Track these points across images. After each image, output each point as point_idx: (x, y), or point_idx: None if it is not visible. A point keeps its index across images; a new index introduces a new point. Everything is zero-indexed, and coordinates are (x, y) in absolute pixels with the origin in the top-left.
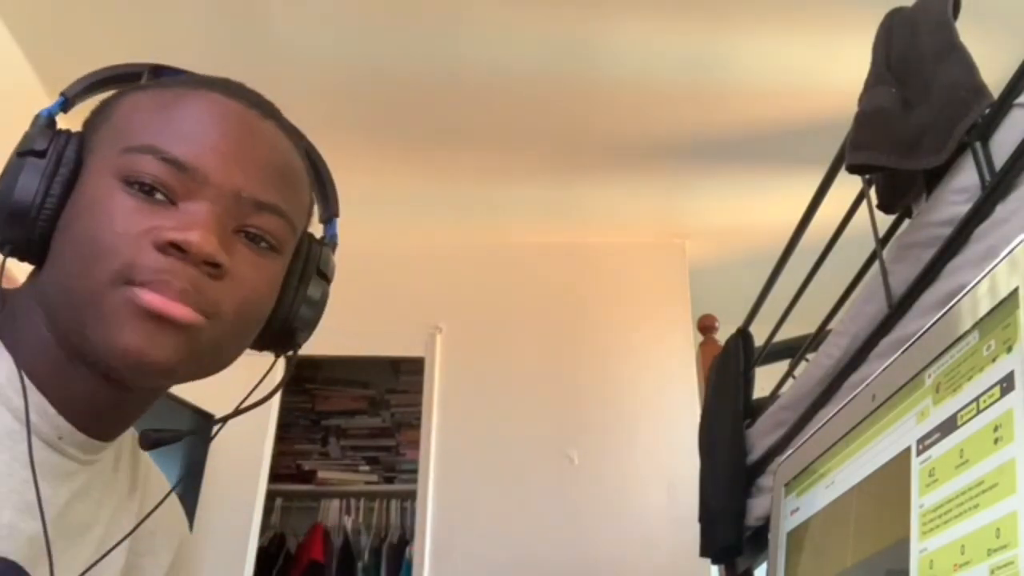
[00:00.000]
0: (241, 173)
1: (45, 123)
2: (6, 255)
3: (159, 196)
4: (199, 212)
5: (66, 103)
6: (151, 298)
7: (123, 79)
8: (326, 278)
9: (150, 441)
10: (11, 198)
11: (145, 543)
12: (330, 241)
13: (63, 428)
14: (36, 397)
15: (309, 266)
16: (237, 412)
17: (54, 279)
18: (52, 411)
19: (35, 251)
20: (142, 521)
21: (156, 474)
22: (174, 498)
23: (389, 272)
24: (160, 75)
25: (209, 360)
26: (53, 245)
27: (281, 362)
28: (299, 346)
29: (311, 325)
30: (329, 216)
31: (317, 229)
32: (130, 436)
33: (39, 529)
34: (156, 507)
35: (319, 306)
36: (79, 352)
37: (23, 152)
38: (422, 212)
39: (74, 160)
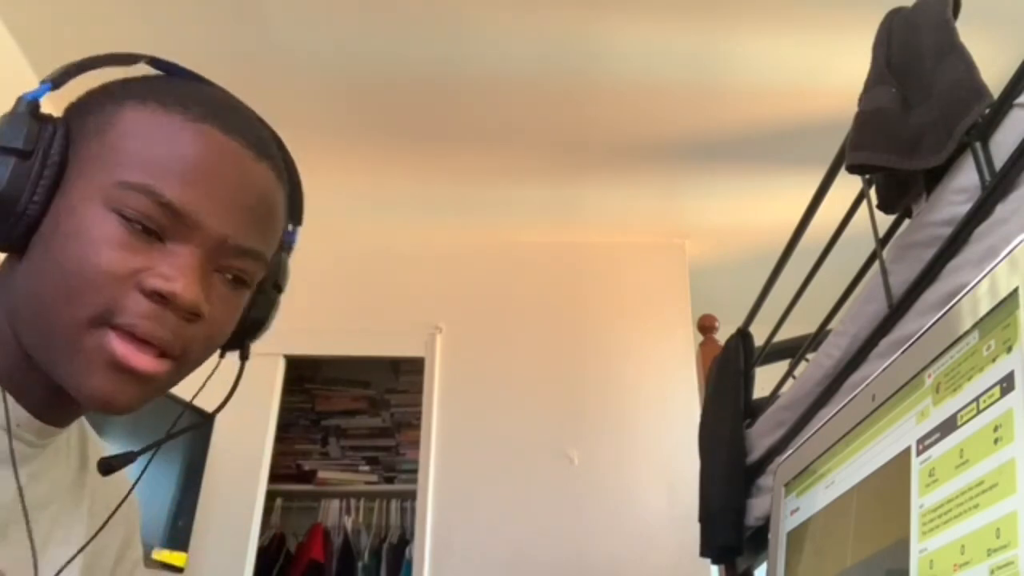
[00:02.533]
0: (231, 220)
1: (29, 111)
2: None
3: (148, 234)
4: (186, 258)
5: (52, 89)
6: (124, 351)
7: (114, 63)
8: (280, 289)
9: (105, 467)
10: None
11: (101, 518)
12: (287, 247)
13: (20, 416)
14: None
15: (267, 282)
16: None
17: (28, 291)
18: (10, 401)
19: (12, 247)
20: (111, 517)
21: (102, 449)
22: (124, 472)
23: (389, 272)
24: (155, 67)
25: (167, 389)
26: (33, 247)
27: (281, 363)
28: (248, 354)
29: (261, 332)
30: (294, 223)
31: None
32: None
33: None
34: (116, 509)
35: (271, 313)
36: (39, 362)
37: (7, 148)
38: (422, 212)
39: (60, 161)
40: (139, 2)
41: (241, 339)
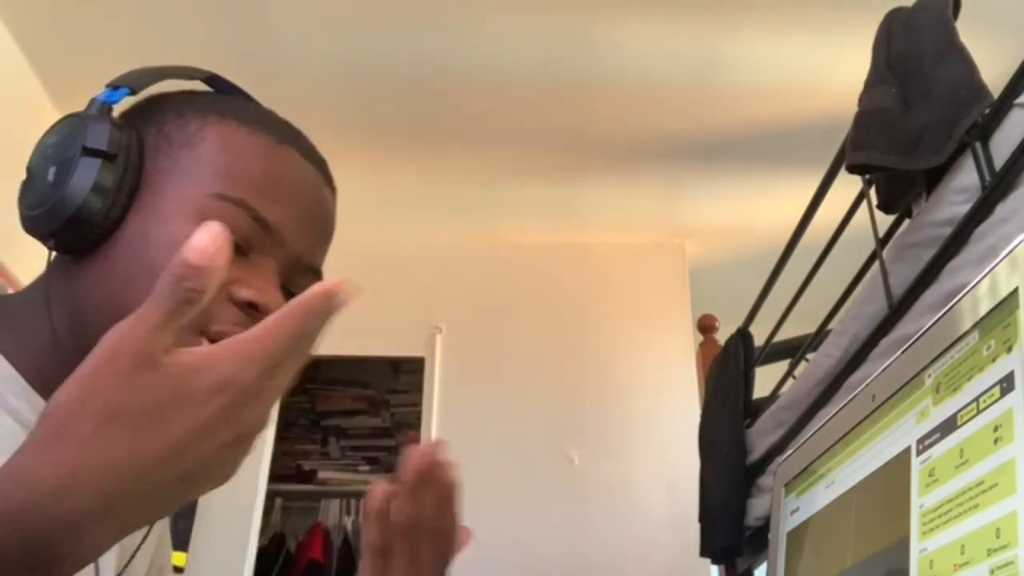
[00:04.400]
0: (308, 241)
1: (106, 116)
2: (51, 248)
3: (236, 246)
4: (271, 271)
5: (130, 94)
6: None
7: (182, 77)
8: None
9: None
10: (77, 201)
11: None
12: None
13: None
14: (35, 398)
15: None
16: None
17: (108, 290)
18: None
19: (82, 250)
20: (151, 527)
21: None
22: None
23: (389, 272)
24: (214, 85)
25: None
26: (107, 250)
27: None
28: None
29: None
30: None
31: None
32: None
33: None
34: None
35: None
36: None
37: (92, 150)
38: (422, 212)
39: (138, 167)
40: (140, 4)
41: None
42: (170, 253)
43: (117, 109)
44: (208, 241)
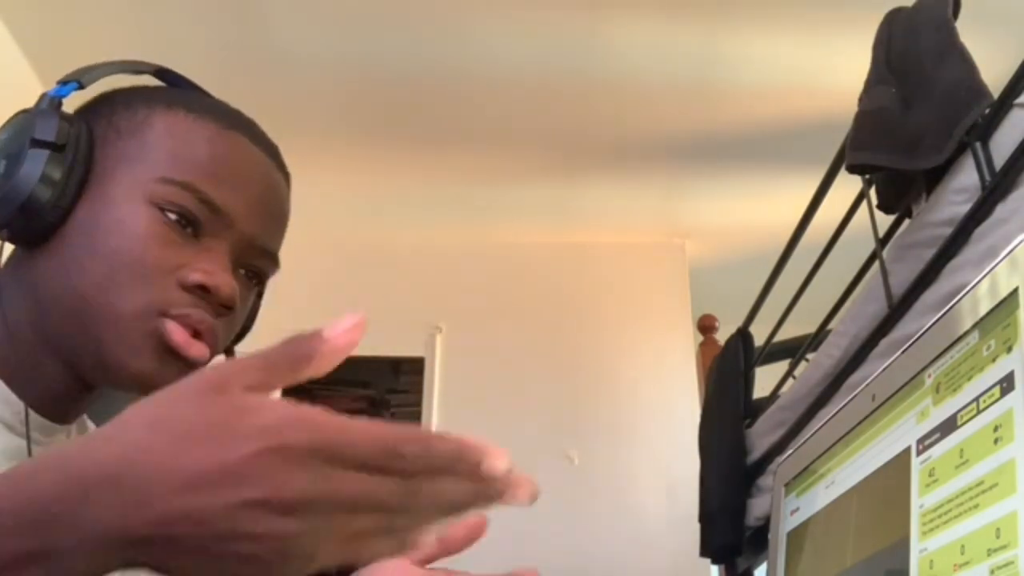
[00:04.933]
0: (259, 222)
1: (55, 110)
2: (4, 239)
3: (185, 229)
4: (221, 254)
5: (79, 88)
6: (182, 338)
7: (129, 71)
8: (261, 296)
9: None
10: (26, 190)
11: None
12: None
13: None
14: None
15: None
16: None
17: (61, 281)
18: (14, 397)
19: (34, 240)
20: None
21: None
22: None
23: (389, 272)
24: (164, 78)
25: None
26: (60, 241)
27: None
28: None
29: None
30: None
31: None
32: None
33: None
34: None
35: (254, 319)
36: (65, 352)
37: (40, 141)
38: (422, 212)
39: (87, 157)
40: (140, 3)
41: (233, 342)
42: (122, 238)
43: (71, 105)
44: (347, 321)
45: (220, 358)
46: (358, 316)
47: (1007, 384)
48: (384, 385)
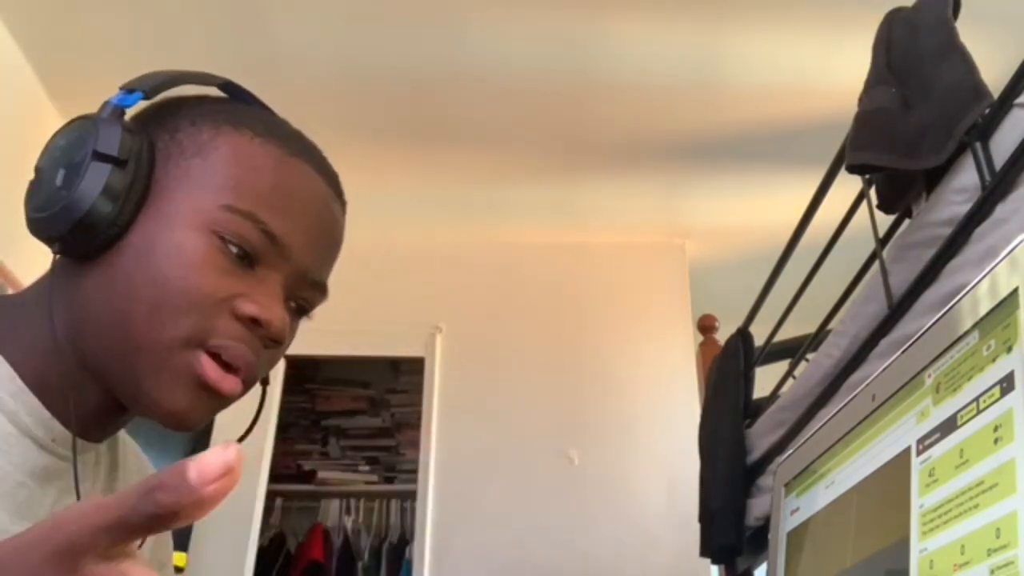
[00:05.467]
0: (315, 256)
1: (118, 120)
2: (56, 252)
3: (243, 259)
4: (276, 285)
5: (145, 99)
6: (215, 374)
7: (198, 83)
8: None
9: None
10: (84, 206)
11: None
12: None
13: (56, 431)
14: (31, 399)
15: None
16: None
17: (110, 301)
18: (47, 415)
19: (87, 255)
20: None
21: (133, 450)
22: (149, 467)
23: (389, 272)
24: (231, 91)
25: None
26: (112, 257)
27: (281, 363)
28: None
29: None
30: None
31: None
32: None
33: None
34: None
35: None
36: (103, 375)
37: (103, 155)
38: (422, 212)
39: (148, 174)
40: (140, 4)
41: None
42: (177, 264)
43: (130, 113)
44: (217, 464)
45: (97, 497)
46: (229, 455)
47: (1007, 384)
48: (384, 385)
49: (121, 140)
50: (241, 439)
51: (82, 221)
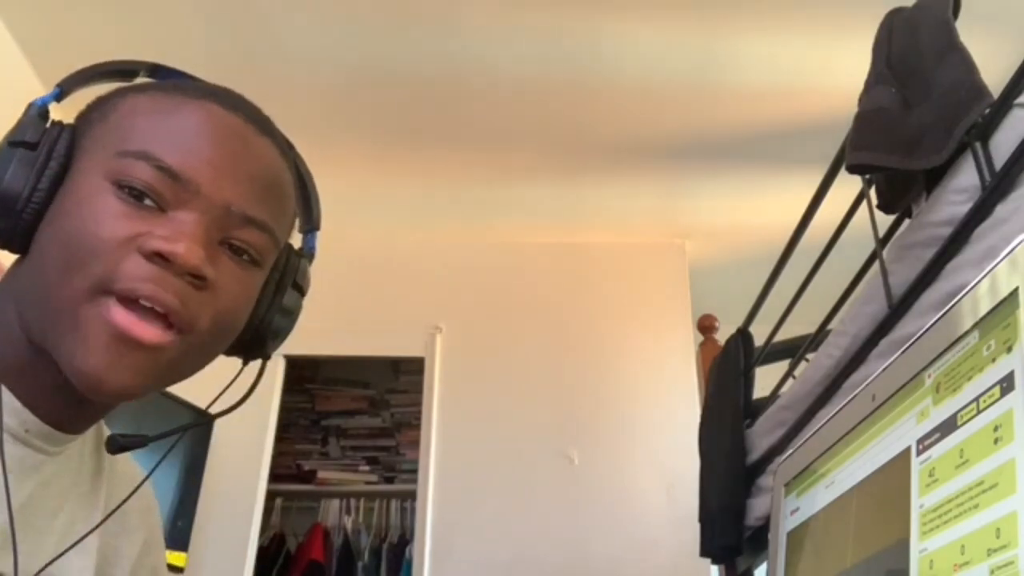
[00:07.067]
0: (233, 187)
1: (38, 113)
2: None
3: (148, 203)
4: (187, 222)
5: (61, 95)
6: (125, 320)
7: (121, 74)
8: (301, 291)
9: (116, 446)
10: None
11: (118, 523)
12: (308, 253)
13: (29, 421)
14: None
15: (286, 278)
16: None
17: (33, 276)
18: (18, 405)
19: (19, 242)
20: (112, 512)
21: (125, 456)
22: (141, 474)
23: (389, 272)
24: (158, 74)
25: (171, 377)
26: (37, 239)
27: (281, 363)
28: (269, 355)
29: (282, 335)
30: (310, 228)
31: (296, 239)
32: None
33: (4, 520)
34: (128, 496)
35: (292, 317)
36: (47, 353)
37: (14, 142)
38: (422, 212)
39: (64, 155)
40: (140, 3)
41: (263, 341)
42: (77, 218)
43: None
44: None
45: None
46: None
47: (1007, 384)
48: (384, 385)
49: (33, 126)
50: (228, 411)
51: None
